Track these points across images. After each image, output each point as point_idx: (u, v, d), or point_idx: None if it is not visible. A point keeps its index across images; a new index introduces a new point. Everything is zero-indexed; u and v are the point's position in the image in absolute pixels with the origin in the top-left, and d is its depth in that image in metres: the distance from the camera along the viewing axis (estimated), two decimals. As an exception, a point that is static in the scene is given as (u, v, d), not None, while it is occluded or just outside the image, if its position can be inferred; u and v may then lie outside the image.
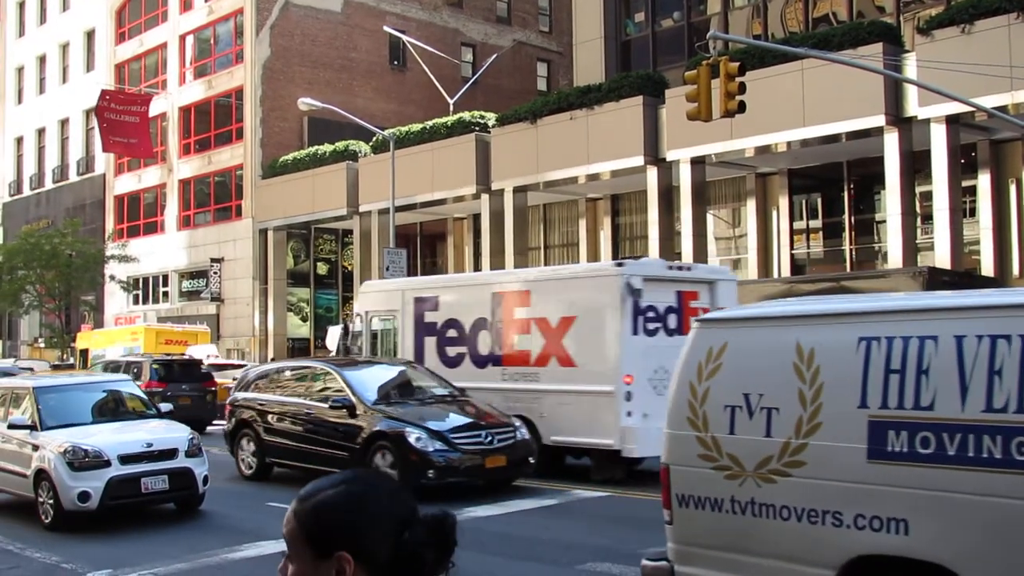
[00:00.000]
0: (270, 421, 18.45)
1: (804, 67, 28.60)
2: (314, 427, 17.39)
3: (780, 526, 6.96)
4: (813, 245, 35.10)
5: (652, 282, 17.72)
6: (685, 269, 19.30)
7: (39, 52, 64.58)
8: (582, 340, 17.89)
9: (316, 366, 19.26)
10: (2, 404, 16.15)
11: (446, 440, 15.73)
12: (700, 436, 7.44)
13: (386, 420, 16.25)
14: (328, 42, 49.93)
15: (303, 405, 17.92)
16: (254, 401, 19.09)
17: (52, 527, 14.01)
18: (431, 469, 15.44)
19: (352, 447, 16.35)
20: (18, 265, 49.95)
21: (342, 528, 2.22)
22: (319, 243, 50.85)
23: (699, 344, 7.68)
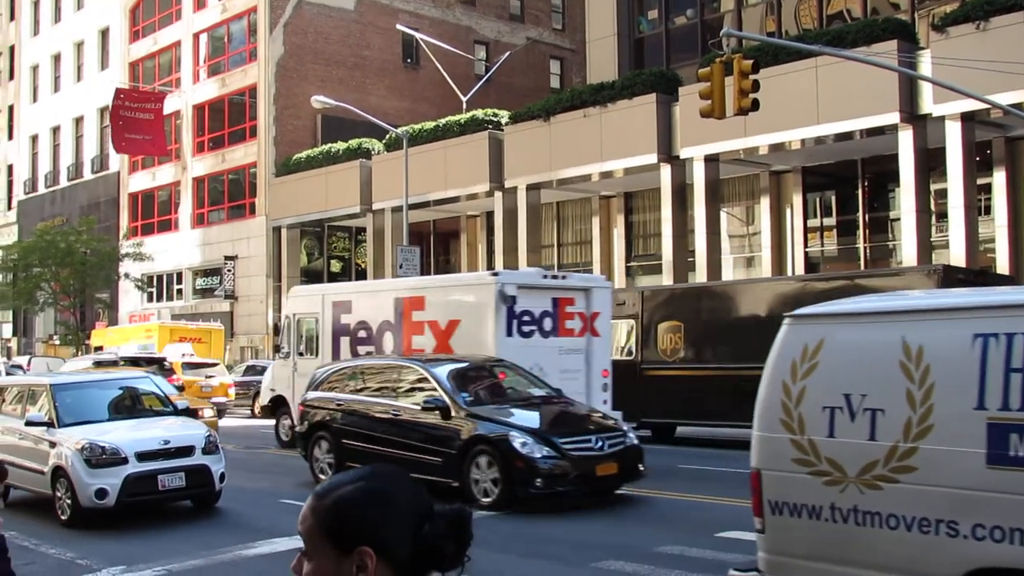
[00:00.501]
0: (350, 423, 16.96)
1: (818, 64, 28.54)
2: (402, 430, 16.01)
3: (887, 536, 6.54)
4: (827, 243, 35.03)
5: (528, 289, 19.75)
6: (560, 278, 21.59)
7: (54, 51, 64.78)
8: (465, 340, 19.84)
9: (402, 363, 17.25)
10: (19, 401, 16.22)
11: (554, 446, 14.42)
12: (795, 439, 6.99)
13: (486, 423, 14.93)
14: (341, 40, 49.99)
15: (388, 406, 16.44)
16: (330, 401, 17.55)
17: (69, 524, 14.05)
18: (539, 477, 14.23)
19: (447, 452, 15.03)
20: (33, 263, 50.13)
21: (363, 523, 2.23)
22: (332, 241, 50.94)
23: (792, 341, 7.24)
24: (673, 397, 23.62)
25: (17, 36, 69.01)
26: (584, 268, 41.70)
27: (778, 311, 21.98)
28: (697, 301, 24.27)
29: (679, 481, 16.94)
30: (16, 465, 15.48)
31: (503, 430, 14.67)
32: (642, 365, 23.95)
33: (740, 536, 12.04)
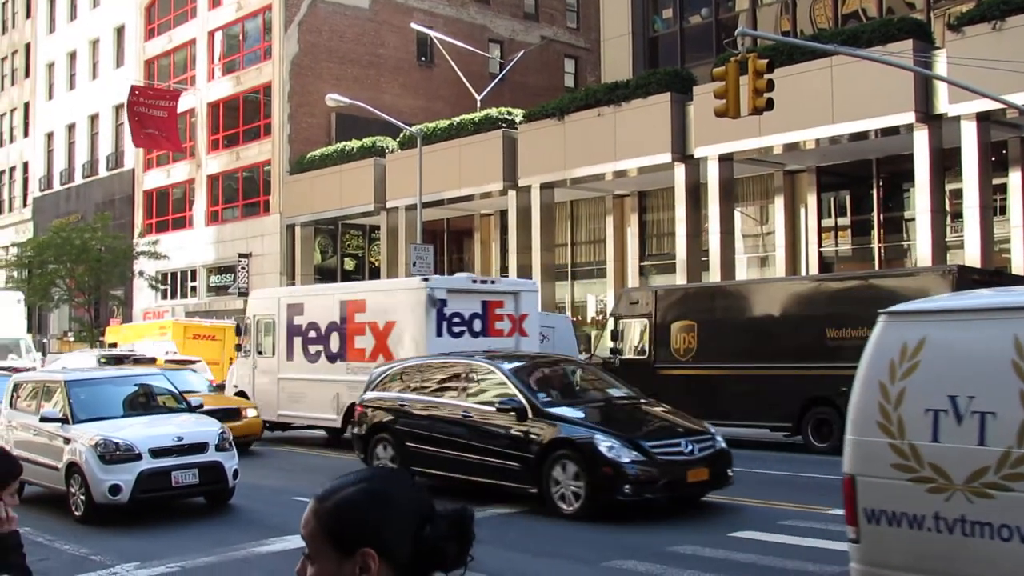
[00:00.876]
0: (414, 425, 16.10)
1: (833, 64, 28.48)
2: (473, 433, 15.09)
3: (999, 548, 6.10)
4: (841, 243, 34.96)
5: (459, 293, 21.59)
6: (489, 282, 23.49)
7: (69, 48, 64.98)
8: (400, 340, 21.58)
9: (471, 362, 16.29)
10: (34, 397, 16.29)
11: (642, 449, 13.57)
12: (894, 443, 6.59)
13: (568, 425, 14.07)
14: (356, 38, 50.04)
15: (456, 407, 15.53)
16: (392, 401, 16.72)
17: (83, 520, 14.11)
18: (627, 483, 13.36)
19: (525, 456, 14.18)
20: (48, 259, 50.30)
21: (365, 525, 2.24)
22: (346, 239, 51.01)
23: (889, 339, 6.83)
24: (686, 396, 23.55)
25: (33, 34, 69.24)
26: (598, 267, 41.71)
27: (792, 311, 21.98)
28: (711, 300, 24.24)
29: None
30: (30, 461, 15.52)
31: (587, 433, 13.84)
32: (655, 364, 23.92)
33: (753, 536, 12.04)
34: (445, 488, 14.91)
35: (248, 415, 22.43)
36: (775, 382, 21.75)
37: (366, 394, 17.52)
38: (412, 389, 16.64)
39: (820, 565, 10.46)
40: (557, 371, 16.76)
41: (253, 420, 22.47)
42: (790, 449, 21.64)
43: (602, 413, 14.82)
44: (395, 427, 16.39)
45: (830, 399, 20.79)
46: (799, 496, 14.97)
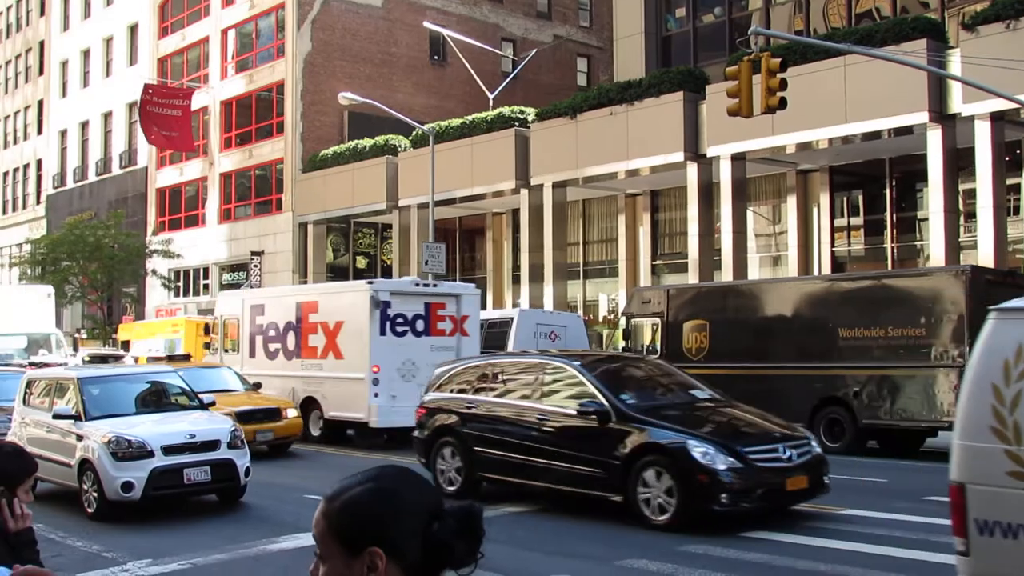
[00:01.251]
0: (482, 428, 15.09)
1: (847, 63, 28.43)
2: (550, 437, 14.09)
3: None
4: (854, 243, 34.89)
5: (402, 295, 23.15)
6: (432, 285, 24.79)
7: (83, 46, 65.16)
8: (348, 339, 23.12)
9: (545, 361, 15.32)
10: (47, 394, 16.34)
11: (739, 455, 12.64)
12: (1011, 449, 6.14)
13: (657, 429, 13.11)
14: (368, 37, 50.08)
15: (530, 409, 14.51)
16: (458, 403, 15.68)
17: (95, 516, 14.15)
18: (724, 492, 12.45)
19: (608, 463, 13.23)
20: (62, 256, 50.43)
21: (372, 524, 2.25)
22: (358, 237, 51.05)
23: (1002, 338, 6.38)
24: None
25: (47, 32, 69.45)
26: (610, 266, 41.70)
27: (804, 311, 21.95)
28: (723, 300, 24.21)
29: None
30: (43, 458, 15.56)
31: (678, 437, 12.88)
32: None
33: (763, 536, 12.04)
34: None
35: (288, 415, 21.69)
36: (787, 382, 21.73)
37: (427, 395, 16.53)
38: (479, 390, 15.62)
39: (832, 565, 10.45)
40: (635, 371, 16.02)
41: (293, 420, 21.82)
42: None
43: (690, 416, 13.89)
44: (462, 431, 15.36)
45: (842, 399, 20.79)
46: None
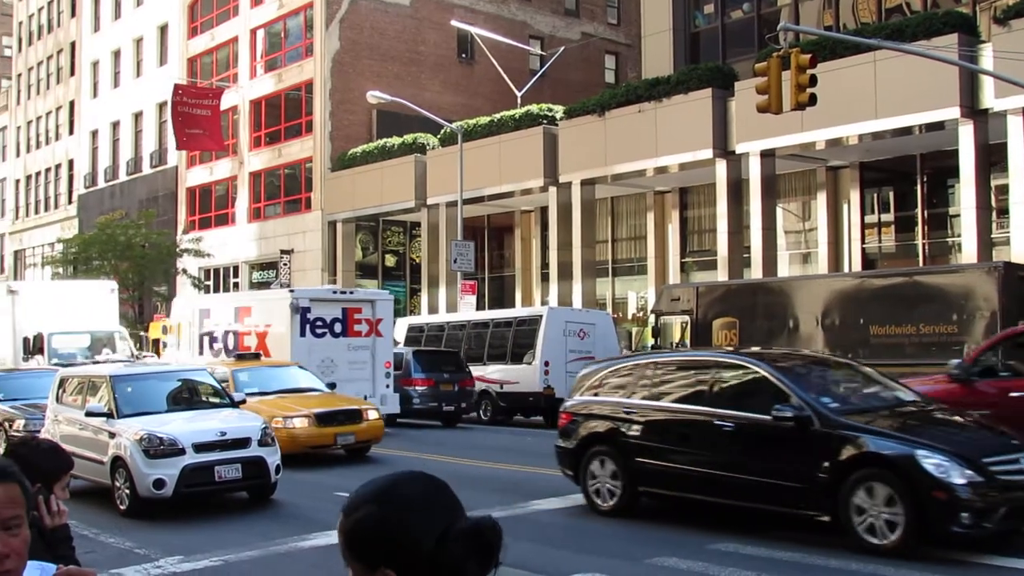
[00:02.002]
0: (645, 436, 13.28)
1: (877, 59, 28.26)
2: (734, 446, 12.32)
3: None
4: (885, 239, 34.69)
5: (321, 301, 25.98)
6: (348, 293, 28.09)
7: (114, 47, 65.58)
8: (275, 340, 25.69)
9: (721, 359, 13.63)
10: (79, 392, 16.46)
11: (978, 467, 10.67)
12: None
13: (875, 438, 11.18)
14: (397, 35, 50.18)
15: (705, 414, 12.62)
16: (612, 407, 13.91)
17: (127, 513, 14.24)
18: (964, 512, 10.50)
19: (812, 476, 11.38)
20: (93, 255, 50.76)
21: (380, 547, 2.28)
22: (387, 235, 51.15)
23: None
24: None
25: (78, 33, 69.94)
26: (638, 263, 41.63)
27: (835, 308, 21.85)
28: (753, 297, 24.15)
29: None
30: (76, 455, 15.67)
31: (903, 447, 10.96)
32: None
33: (795, 534, 11.96)
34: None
35: (369, 417, 20.19)
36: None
37: (572, 399, 14.67)
38: (638, 392, 13.74)
39: (863, 563, 10.38)
40: (826, 369, 14.03)
41: (375, 422, 20.22)
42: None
43: (906, 421, 12.05)
44: (619, 439, 13.54)
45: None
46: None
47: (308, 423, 19.05)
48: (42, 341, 28.01)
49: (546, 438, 24.82)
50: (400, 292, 51.06)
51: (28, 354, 28.41)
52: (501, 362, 29.01)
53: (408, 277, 50.86)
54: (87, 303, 31.72)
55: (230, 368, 21.15)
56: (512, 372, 28.52)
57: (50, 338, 28.07)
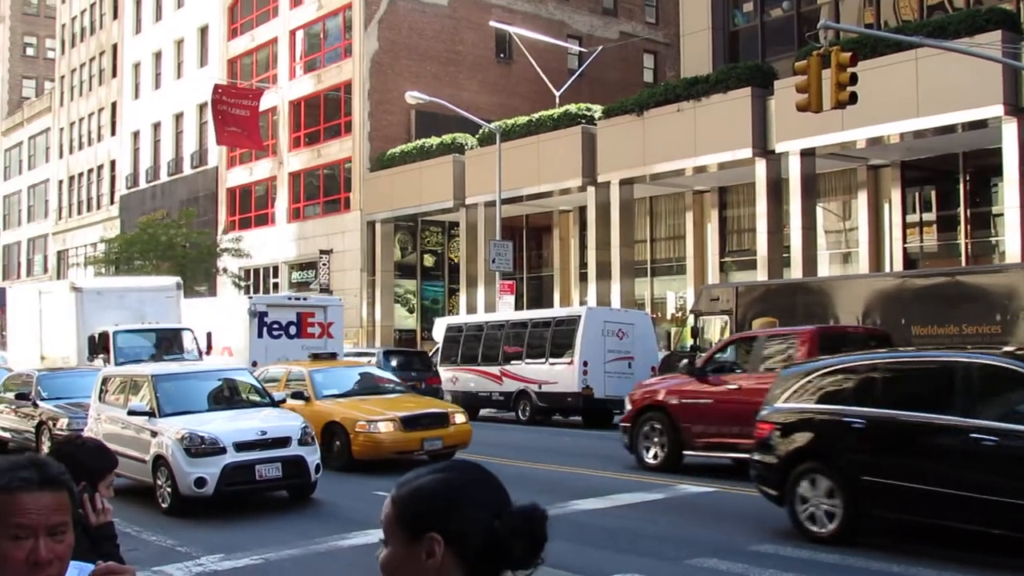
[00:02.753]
0: (872, 450, 11.33)
1: (918, 56, 28.03)
2: (1003, 464, 10.21)
3: None
4: (927, 239, 34.40)
5: (277, 307, 29.88)
6: (302, 299, 32.11)
7: (155, 48, 66.10)
8: (236, 340, 28.90)
9: (967, 360, 11.10)
10: (121, 391, 16.60)
11: None
12: None
13: None
14: (435, 35, 50.28)
15: (959, 426, 10.45)
16: (824, 415, 11.97)
17: (169, 512, 14.35)
18: None
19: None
20: (135, 255, 51.17)
21: (435, 510, 2.29)
22: (426, 235, 51.27)
23: None
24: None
25: (120, 35, 70.55)
26: (677, 263, 41.50)
27: (876, 308, 21.69)
28: (792, 297, 24.02)
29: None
30: (118, 453, 15.77)
31: None
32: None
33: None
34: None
35: (456, 421, 19.12)
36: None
37: (772, 407, 12.74)
38: (857, 398, 11.78)
39: (905, 566, 10.31)
40: None
41: (462, 426, 19.17)
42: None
43: None
44: (837, 453, 11.72)
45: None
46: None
47: (393, 427, 18.06)
48: (107, 340, 26.66)
49: (584, 438, 24.88)
50: (438, 292, 51.20)
51: (93, 354, 27.00)
52: (540, 362, 28.97)
53: (447, 277, 50.96)
54: (152, 300, 30.75)
55: (307, 368, 20.63)
56: (551, 372, 28.48)
57: (115, 336, 26.71)
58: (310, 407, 18.86)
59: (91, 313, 29.01)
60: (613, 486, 16.00)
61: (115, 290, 31.11)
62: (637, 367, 27.91)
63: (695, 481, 16.49)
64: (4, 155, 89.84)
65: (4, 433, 22.65)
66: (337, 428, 18.33)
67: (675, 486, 16.02)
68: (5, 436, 22.62)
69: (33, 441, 20.71)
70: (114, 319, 28.11)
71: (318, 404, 19.11)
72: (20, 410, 21.72)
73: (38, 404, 21.05)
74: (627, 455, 18.58)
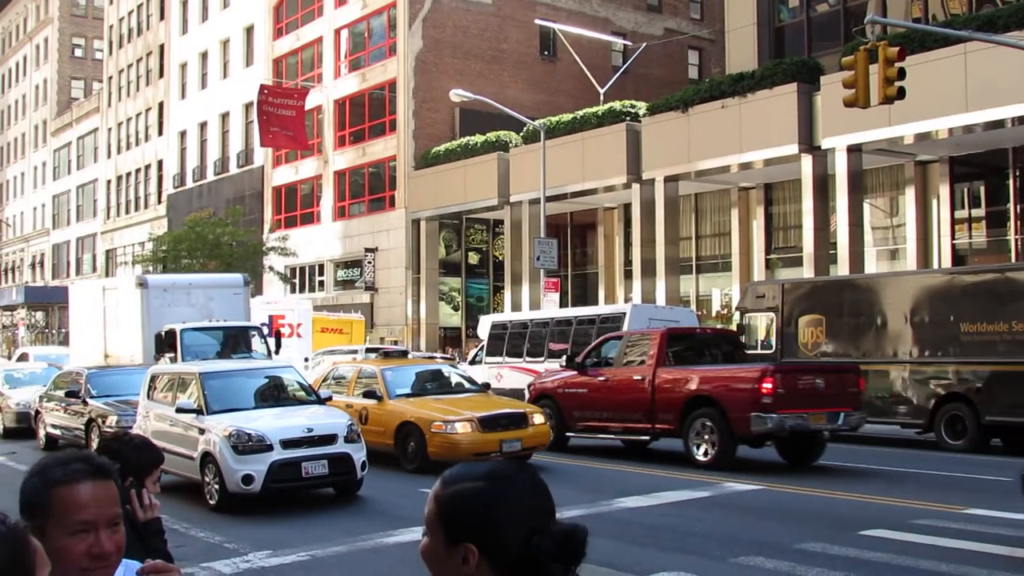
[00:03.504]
0: None
1: (967, 50, 27.73)
2: None
3: None
4: (976, 235, 34.01)
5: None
6: (274, 303, 35.13)
7: (201, 48, 66.63)
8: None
9: None
10: (169, 389, 16.75)
11: None
12: None
13: None
14: (479, 33, 50.33)
15: None
16: None
17: (217, 508, 14.46)
18: None
19: None
20: (182, 254, 51.58)
21: (473, 522, 2.28)
22: (470, 233, 51.32)
23: None
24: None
25: (167, 35, 71.18)
26: (723, 260, 41.30)
27: (924, 305, 21.46)
28: (839, 294, 23.79)
29: (821, 478, 16.67)
30: (166, 450, 15.93)
31: None
32: (782, 359, 23.59)
33: (884, 535, 11.79)
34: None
35: (535, 421, 18.36)
36: (907, 378, 21.30)
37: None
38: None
39: (954, 566, 10.20)
40: None
41: (541, 428, 18.49)
42: (922, 446, 21.17)
43: None
44: None
45: (964, 396, 20.30)
46: (931, 494, 14.63)
47: (471, 428, 17.36)
48: (175, 337, 25.53)
49: (630, 436, 24.75)
50: (483, 290, 51.24)
51: (160, 352, 26.00)
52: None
53: (491, 274, 51.00)
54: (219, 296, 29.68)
55: (378, 367, 20.03)
56: (595, 369, 28.37)
57: (182, 334, 25.57)
58: (383, 406, 18.54)
59: (157, 309, 28.11)
60: (658, 484, 15.96)
61: (181, 286, 30.06)
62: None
63: (741, 479, 16.41)
64: (53, 155, 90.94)
65: (54, 431, 22.92)
66: (411, 428, 17.71)
67: (721, 484, 15.95)
68: (55, 434, 22.89)
69: (83, 438, 20.93)
70: (180, 316, 27.21)
71: (391, 403, 18.52)
72: (70, 408, 21.94)
73: (87, 402, 21.25)
74: (681, 452, 18.64)
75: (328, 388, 20.08)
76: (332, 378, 21.12)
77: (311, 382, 19.18)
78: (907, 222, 34.81)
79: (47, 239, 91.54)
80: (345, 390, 19.79)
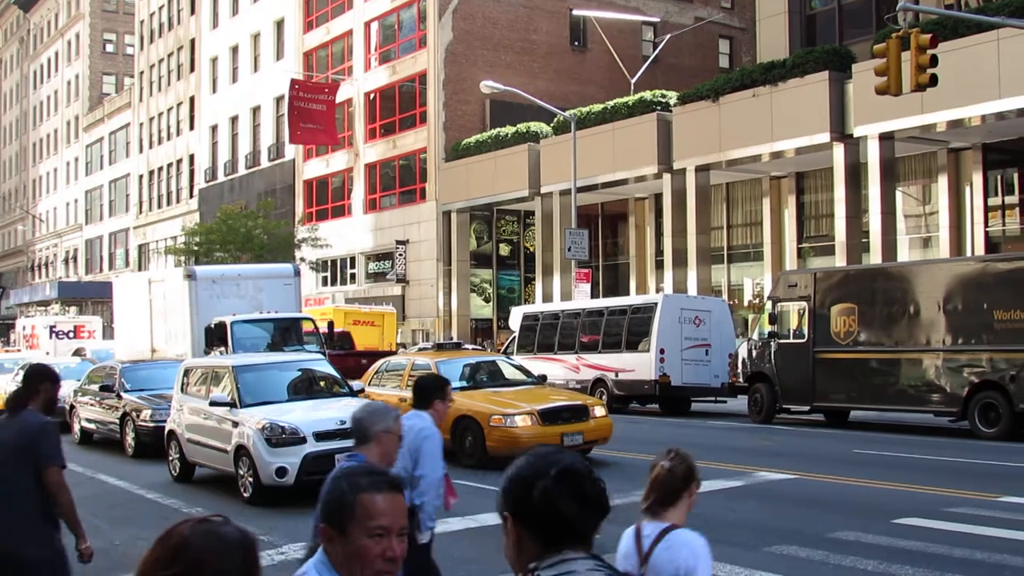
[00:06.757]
0: None
1: (1000, 37, 27.50)
2: None
3: None
4: (1009, 222, 33.75)
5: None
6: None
7: (232, 43, 66.90)
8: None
9: None
10: (203, 382, 16.84)
11: None
12: None
13: None
14: (509, 24, 50.30)
15: None
16: None
17: (251, 501, 14.51)
18: None
19: None
20: (215, 247, 51.84)
21: (503, 492, 2.72)
22: (501, 224, 51.34)
23: None
24: (848, 381, 23.13)
25: (198, 30, 71.50)
26: (754, 249, 41.15)
27: (957, 293, 21.33)
28: (872, 283, 23.67)
29: (855, 467, 16.62)
30: (201, 444, 16.07)
31: None
32: (814, 348, 23.52)
33: (918, 523, 11.76)
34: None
35: (596, 414, 17.87)
36: (940, 366, 21.20)
37: None
38: None
39: (988, 553, 10.17)
40: None
41: (603, 420, 17.92)
42: (956, 435, 21.07)
43: None
44: None
45: (998, 384, 20.17)
46: (965, 483, 14.57)
47: (531, 421, 16.82)
48: (225, 330, 24.98)
49: (662, 426, 24.83)
50: (514, 281, 51.26)
51: (210, 345, 25.34)
52: (616, 350, 28.88)
53: (522, 266, 51.02)
54: (269, 287, 28.95)
55: (432, 359, 19.54)
56: (627, 360, 28.38)
57: (232, 327, 25.02)
58: None
59: (206, 302, 27.52)
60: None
61: (231, 277, 29.39)
62: (714, 354, 27.77)
63: (774, 468, 16.38)
64: (86, 151, 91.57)
65: (89, 424, 23.02)
66: (469, 422, 17.12)
67: (754, 473, 15.93)
68: (90, 428, 23.01)
69: (117, 432, 21.07)
70: (230, 308, 26.62)
71: None
72: (104, 402, 22.03)
73: (122, 396, 21.29)
74: (713, 445, 18.59)
75: (381, 381, 20.02)
76: (385, 370, 20.79)
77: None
78: (940, 210, 34.58)
79: (80, 234, 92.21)
80: (399, 382, 19.46)
